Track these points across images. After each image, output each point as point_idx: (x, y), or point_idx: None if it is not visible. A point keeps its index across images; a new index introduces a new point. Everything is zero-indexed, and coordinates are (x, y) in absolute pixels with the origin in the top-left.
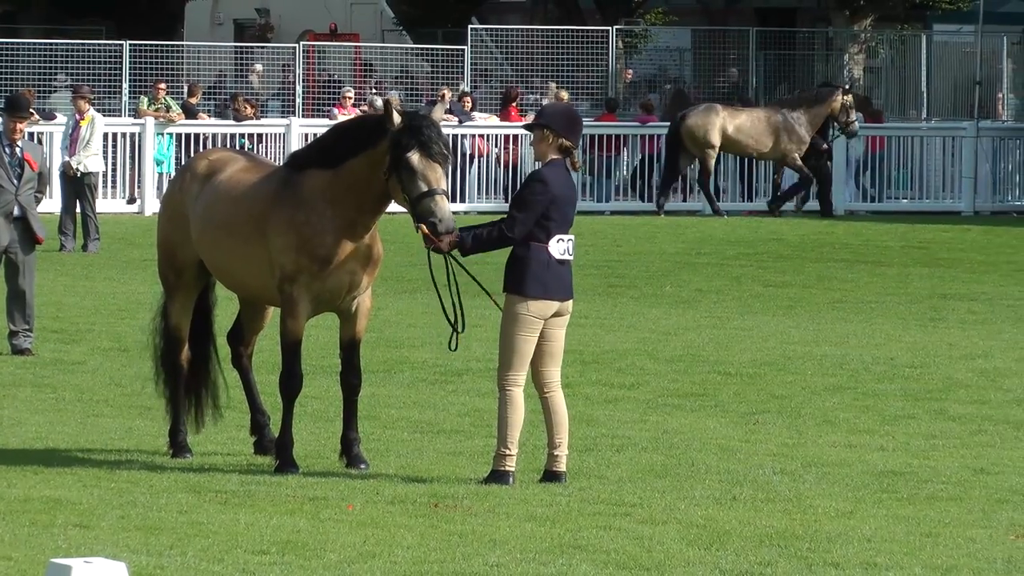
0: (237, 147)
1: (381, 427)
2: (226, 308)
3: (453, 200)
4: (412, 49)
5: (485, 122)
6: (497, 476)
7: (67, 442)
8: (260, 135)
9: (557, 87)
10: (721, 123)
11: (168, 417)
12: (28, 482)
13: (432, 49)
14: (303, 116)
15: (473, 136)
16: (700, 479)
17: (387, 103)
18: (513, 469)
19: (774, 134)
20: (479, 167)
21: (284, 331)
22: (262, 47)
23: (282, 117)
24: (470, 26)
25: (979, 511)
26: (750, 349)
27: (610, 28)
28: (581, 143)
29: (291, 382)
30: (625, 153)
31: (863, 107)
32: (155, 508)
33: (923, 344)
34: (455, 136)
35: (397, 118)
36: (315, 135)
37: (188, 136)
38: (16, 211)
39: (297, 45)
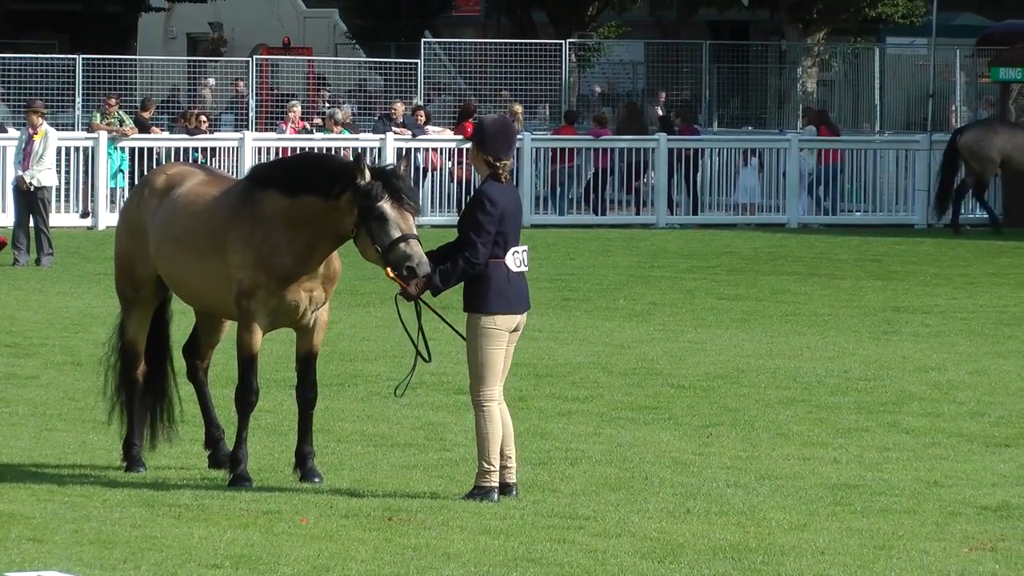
0: (191, 161)
1: (335, 440)
2: (181, 321)
3: None
4: (365, 62)
5: (439, 136)
6: (482, 492)
7: (21, 456)
8: (213, 149)
9: (511, 98)
10: (1000, 141)
11: (123, 430)
12: None
13: (386, 62)
14: (256, 130)
15: (427, 150)
16: (654, 492)
17: (358, 158)
18: (497, 485)
19: None
20: (432, 181)
21: (240, 344)
22: (215, 61)
23: (235, 131)
24: (423, 40)
25: (932, 524)
26: (704, 362)
27: (563, 41)
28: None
29: (247, 396)
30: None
31: (822, 120)
32: (109, 522)
33: (876, 357)
34: (409, 149)
35: (367, 175)
36: (268, 149)
37: (141, 150)
38: None
39: (250, 59)
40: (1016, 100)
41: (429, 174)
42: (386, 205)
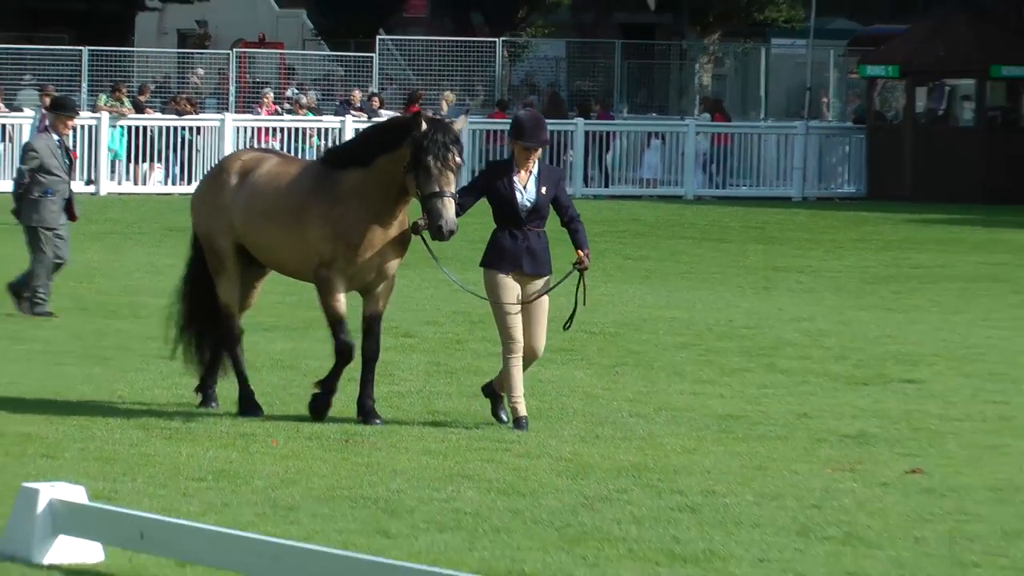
0: (179, 139)
1: (301, 375)
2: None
3: None
4: (329, 56)
5: None
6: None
7: (35, 386)
8: (199, 128)
9: (452, 93)
10: None
11: (207, 374)
12: (2, 420)
13: (346, 56)
14: (236, 112)
15: None
16: (568, 421)
17: (420, 112)
18: None
19: None
20: None
21: (326, 310)
22: (201, 53)
23: (217, 113)
24: (378, 36)
25: (801, 449)
26: (612, 312)
27: (497, 40)
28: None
29: (347, 351)
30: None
31: (716, 108)
32: (110, 442)
33: (757, 309)
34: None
35: (424, 125)
36: (245, 129)
37: (137, 128)
38: (66, 195)
39: (231, 51)
40: (880, 93)
41: None
42: (431, 160)
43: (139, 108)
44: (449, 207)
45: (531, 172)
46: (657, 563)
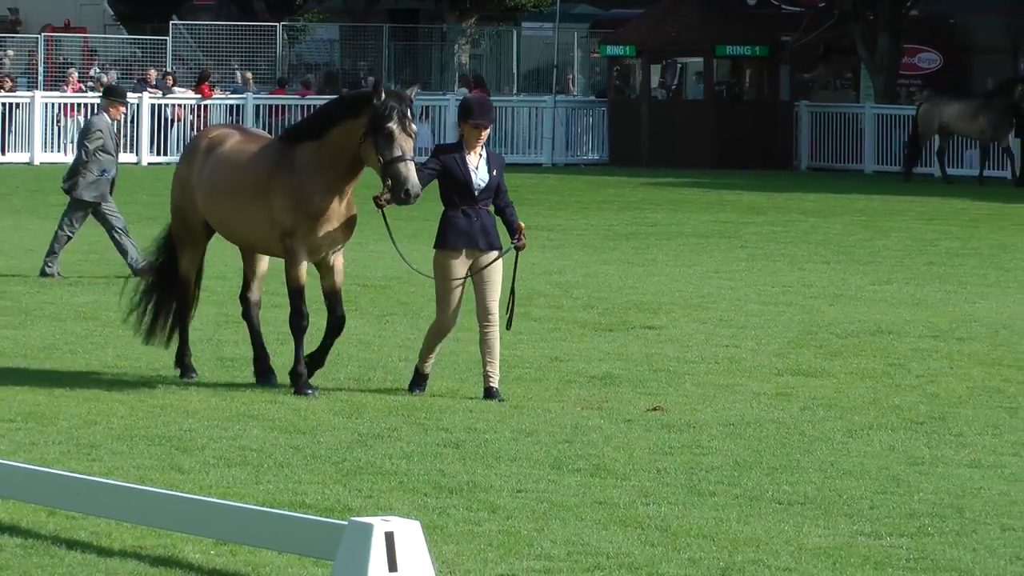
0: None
1: (102, 326)
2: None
3: (158, 154)
4: (127, 39)
5: (183, 95)
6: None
7: None
8: (10, 104)
9: (242, 70)
10: (939, 111)
11: (177, 344)
12: None
13: (143, 39)
14: (44, 90)
15: (173, 105)
16: (343, 365)
17: (377, 81)
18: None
19: (977, 119)
20: (177, 129)
21: (288, 278)
22: (12, 37)
23: (27, 91)
24: (172, 22)
25: (554, 389)
26: (382, 267)
27: (278, 24)
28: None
29: (299, 321)
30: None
31: (476, 84)
32: None
33: None
34: (160, 105)
35: (383, 95)
36: (53, 104)
37: None
38: (114, 173)
39: (39, 36)
40: (619, 70)
41: (175, 124)
42: (393, 126)
43: None
44: (412, 170)
45: (481, 155)
46: (425, 494)
